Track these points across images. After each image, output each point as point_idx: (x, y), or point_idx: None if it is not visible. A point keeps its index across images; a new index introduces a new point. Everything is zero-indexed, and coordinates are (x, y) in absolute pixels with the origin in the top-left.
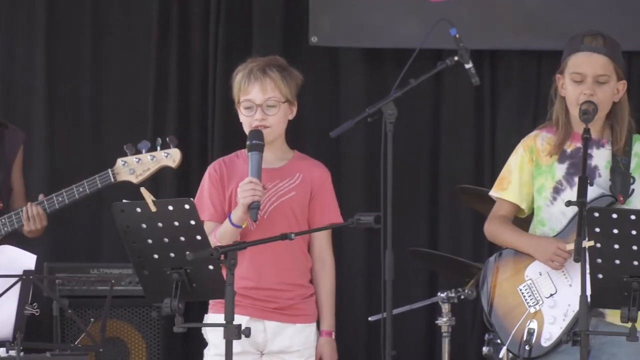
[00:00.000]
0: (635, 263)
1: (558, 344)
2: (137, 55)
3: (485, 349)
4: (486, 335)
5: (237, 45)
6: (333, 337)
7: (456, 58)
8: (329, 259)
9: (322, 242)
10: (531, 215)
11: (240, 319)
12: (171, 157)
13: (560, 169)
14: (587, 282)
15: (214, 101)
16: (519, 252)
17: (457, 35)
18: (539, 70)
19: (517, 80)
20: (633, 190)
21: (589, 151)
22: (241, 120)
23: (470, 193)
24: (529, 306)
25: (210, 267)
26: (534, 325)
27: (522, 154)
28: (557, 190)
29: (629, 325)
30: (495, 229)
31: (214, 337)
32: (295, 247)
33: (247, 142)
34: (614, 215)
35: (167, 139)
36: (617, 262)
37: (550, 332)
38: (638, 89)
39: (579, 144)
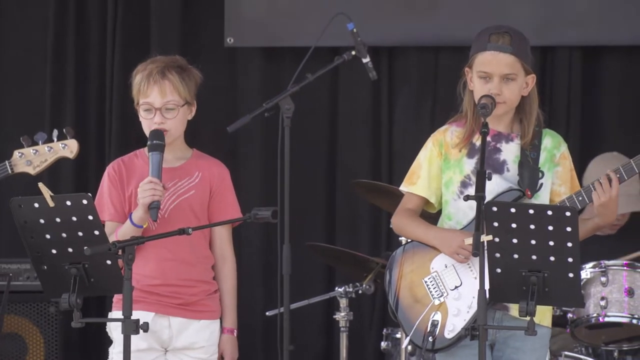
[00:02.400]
0: (534, 257)
1: (462, 336)
2: (34, 46)
3: (383, 344)
4: (384, 330)
5: (134, 39)
6: (235, 334)
7: (353, 53)
8: (229, 256)
9: (223, 240)
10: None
11: (145, 316)
12: (68, 148)
13: (469, 164)
14: (486, 276)
15: (111, 94)
16: (425, 245)
17: (355, 30)
18: (437, 65)
19: (414, 75)
20: (541, 184)
21: (498, 145)
22: (141, 122)
23: (368, 187)
24: (434, 298)
25: (109, 262)
26: (438, 317)
27: (431, 148)
28: (464, 185)
29: (528, 319)
30: (402, 222)
31: (118, 335)
32: (197, 245)
33: (148, 142)
34: (513, 210)
35: (64, 130)
36: (516, 256)
37: (454, 324)
38: (552, 83)
39: (489, 138)
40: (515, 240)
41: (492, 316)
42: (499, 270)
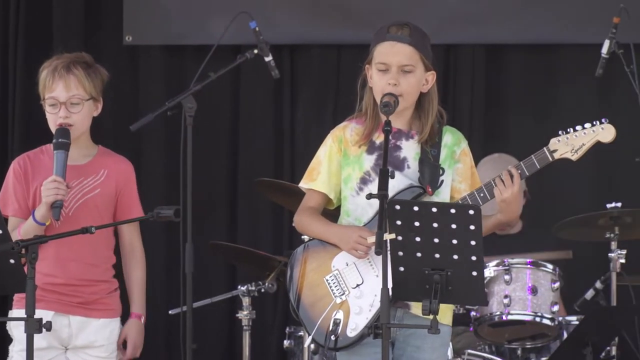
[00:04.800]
0: (437, 256)
1: (364, 334)
2: None
3: (286, 342)
4: (287, 329)
5: (36, 38)
6: (142, 321)
7: (256, 51)
8: (139, 249)
9: (132, 234)
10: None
11: (45, 314)
12: None
13: (369, 160)
14: (389, 274)
15: (14, 92)
16: (326, 243)
17: (257, 29)
18: (338, 63)
19: (316, 73)
20: (442, 181)
21: (398, 143)
22: (47, 118)
23: (270, 186)
24: (335, 296)
25: (12, 260)
26: (340, 315)
27: (330, 144)
28: (364, 181)
29: (431, 317)
30: (304, 220)
31: (18, 333)
32: (99, 244)
33: (53, 140)
34: (416, 208)
35: None
36: (419, 254)
37: (357, 322)
38: (455, 81)
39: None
40: (418, 239)
41: (394, 314)
42: (402, 269)
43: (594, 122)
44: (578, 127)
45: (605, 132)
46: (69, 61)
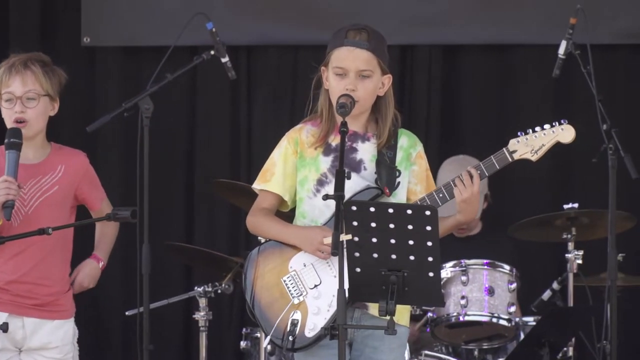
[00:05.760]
0: (394, 257)
1: (321, 335)
2: None
3: (243, 343)
4: (244, 330)
5: None
6: (100, 265)
7: (213, 52)
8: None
9: (104, 209)
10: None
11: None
12: None
13: (325, 162)
14: (346, 275)
15: None
16: (282, 244)
17: (214, 30)
18: (295, 64)
19: (273, 74)
20: (399, 183)
21: (354, 145)
22: (3, 115)
23: (227, 187)
24: (293, 297)
25: None
26: (297, 316)
27: (286, 146)
28: (320, 183)
29: (388, 318)
30: (258, 221)
31: None
32: (56, 240)
33: (5, 140)
34: (372, 209)
35: None
36: (375, 255)
37: (315, 322)
38: (412, 82)
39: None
40: (374, 240)
41: (351, 315)
42: (358, 270)
43: (554, 123)
44: (538, 128)
45: (565, 133)
46: (27, 58)
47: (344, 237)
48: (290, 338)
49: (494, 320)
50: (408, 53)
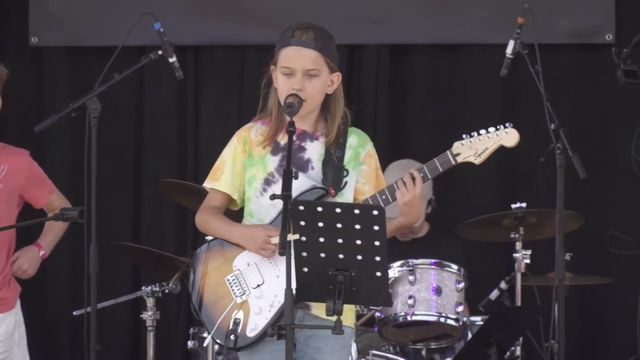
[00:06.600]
0: (341, 256)
1: (264, 334)
2: None
3: (190, 343)
4: (191, 329)
5: None
6: (41, 254)
7: (160, 52)
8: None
9: (53, 202)
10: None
11: None
12: None
13: (273, 161)
14: (293, 275)
15: None
16: (228, 243)
17: (161, 30)
18: (243, 63)
19: (220, 74)
20: (346, 182)
21: (303, 144)
22: None
23: (174, 187)
24: (236, 296)
25: None
26: (240, 315)
27: (235, 144)
28: (268, 182)
29: (335, 318)
30: (206, 220)
31: None
32: (3, 238)
33: None
34: (319, 209)
35: None
36: (323, 255)
37: (256, 322)
38: (359, 82)
39: (294, 137)
40: (322, 239)
41: (294, 315)
42: (305, 269)
43: (498, 127)
44: (482, 131)
45: (508, 137)
46: None
47: (292, 237)
48: (232, 337)
49: (442, 319)
50: (356, 53)
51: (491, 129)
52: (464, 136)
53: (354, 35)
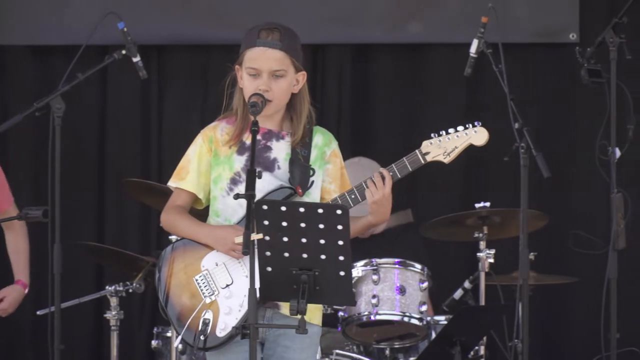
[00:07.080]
0: (305, 256)
1: (233, 335)
2: None
3: (154, 343)
4: (155, 329)
5: None
6: (26, 291)
7: (124, 52)
8: (18, 224)
9: (11, 209)
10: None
11: None
12: None
13: (239, 161)
14: (257, 274)
15: None
16: (195, 243)
17: (125, 29)
18: (207, 63)
19: (184, 73)
20: (313, 182)
21: (269, 144)
22: None
23: (137, 186)
24: (205, 296)
25: None
26: (209, 315)
27: (201, 143)
28: (234, 182)
29: (299, 317)
30: (172, 219)
31: None
32: None
33: None
34: (283, 208)
35: None
36: (287, 254)
37: (226, 322)
38: (323, 81)
39: (259, 136)
40: (285, 239)
41: (263, 314)
42: (269, 269)
43: (467, 125)
44: (451, 130)
45: (478, 136)
46: None
47: (255, 237)
48: (202, 337)
49: (406, 319)
50: (319, 52)
51: (460, 128)
52: (432, 135)
53: (318, 34)
